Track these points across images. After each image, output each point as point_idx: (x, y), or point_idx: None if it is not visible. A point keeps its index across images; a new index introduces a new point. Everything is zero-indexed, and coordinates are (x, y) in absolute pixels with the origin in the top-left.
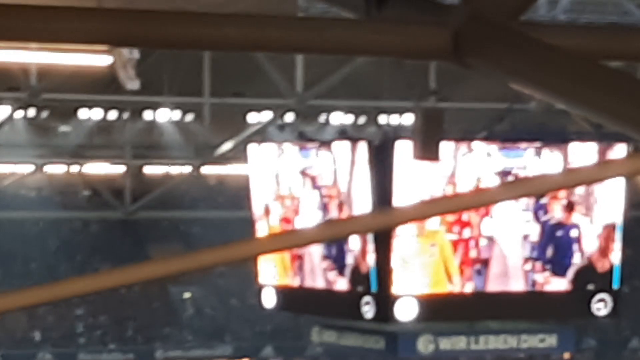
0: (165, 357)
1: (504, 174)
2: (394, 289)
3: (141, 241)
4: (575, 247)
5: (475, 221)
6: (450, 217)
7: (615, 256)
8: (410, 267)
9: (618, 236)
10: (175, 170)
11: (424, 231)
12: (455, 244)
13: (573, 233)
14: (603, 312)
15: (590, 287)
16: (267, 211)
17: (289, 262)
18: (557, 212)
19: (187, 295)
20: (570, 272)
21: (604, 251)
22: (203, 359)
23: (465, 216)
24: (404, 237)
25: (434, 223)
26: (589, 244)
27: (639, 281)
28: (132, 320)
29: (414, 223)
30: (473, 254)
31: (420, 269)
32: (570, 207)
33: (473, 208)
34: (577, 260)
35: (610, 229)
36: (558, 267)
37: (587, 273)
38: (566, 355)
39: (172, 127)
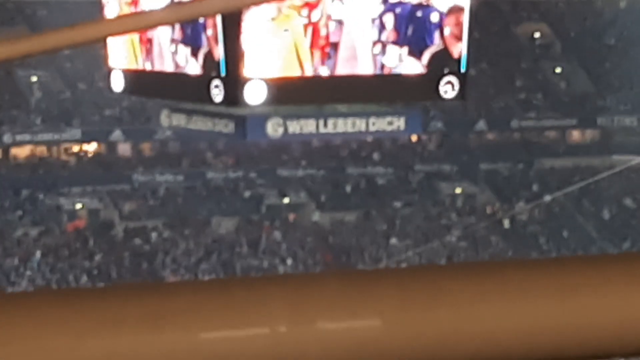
0: (13, 140)
1: None
2: (244, 73)
3: None
4: (424, 28)
5: (324, 3)
6: (298, 0)
7: (463, 39)
8: (260, 51)
9: (466, 18)
10: None
11: (277, 15)
12: (305, 27)
13: (422, 14)
14: (450, 95)
15: (437, 69)
16: None
17: (139, 45)
18: None
19: (34, 78)
20: (425, 56)
21: (451, 34)
22: (52, 143)
23: None
24: (254, 21)
25: (285, 6)
26: (438, 26)
27: (486, 64)
28: None
29: (267, 4)
30: (322, 37)
31: (271, 53)
32: None
33: None
34: (428, 42)
35: (459, 10)
36: (409, 50)
37: (438, 56)
38: (413, 137)
39: None
